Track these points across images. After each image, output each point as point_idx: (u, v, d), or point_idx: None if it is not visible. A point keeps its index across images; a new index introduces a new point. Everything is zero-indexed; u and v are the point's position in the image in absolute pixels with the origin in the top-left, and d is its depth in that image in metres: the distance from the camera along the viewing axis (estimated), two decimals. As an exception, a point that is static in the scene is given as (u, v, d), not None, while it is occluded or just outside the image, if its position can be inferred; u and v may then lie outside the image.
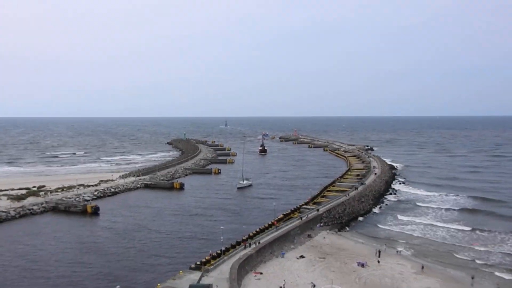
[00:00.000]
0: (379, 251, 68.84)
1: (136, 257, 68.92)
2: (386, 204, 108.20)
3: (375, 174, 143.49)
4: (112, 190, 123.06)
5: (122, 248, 73.57)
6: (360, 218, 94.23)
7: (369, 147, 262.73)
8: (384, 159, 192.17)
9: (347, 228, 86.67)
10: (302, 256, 67.78)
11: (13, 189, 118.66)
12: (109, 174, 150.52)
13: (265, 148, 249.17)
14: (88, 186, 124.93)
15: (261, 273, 60.44)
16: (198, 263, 61.09)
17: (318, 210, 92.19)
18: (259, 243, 69.85)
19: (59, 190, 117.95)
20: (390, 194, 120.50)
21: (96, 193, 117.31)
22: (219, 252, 65.40)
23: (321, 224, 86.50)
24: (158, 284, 53.84)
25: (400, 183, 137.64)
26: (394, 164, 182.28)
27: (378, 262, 65.04)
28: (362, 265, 63.61)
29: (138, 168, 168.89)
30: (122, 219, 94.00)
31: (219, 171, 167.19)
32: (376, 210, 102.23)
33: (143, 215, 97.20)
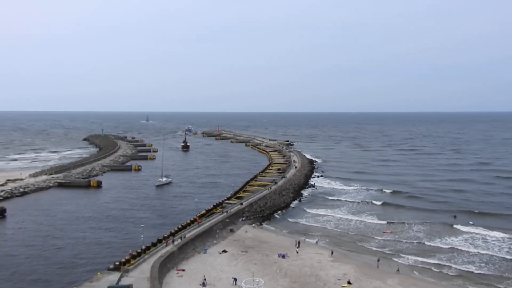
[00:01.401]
0: (299, 242, 71.44)
1: (49, 264, 64.28)
2: (305, 197, 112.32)
3: (295, 168, 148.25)
4: (21, 190, 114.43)
5: (32, 255, 68.12)
6: (281, 211, 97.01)
7: (289, 142, 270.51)
8: (304, 154, 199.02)
9: (269, 221, 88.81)
10: (224, 251, 68.27)
11: None
12: (18, 173, 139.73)
13: (188, 144, 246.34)
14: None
15: (183, 270, 59.94)
16: (117, 263, 59.00)
17: (241, 204, 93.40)
18: (184, 237, 69.37)
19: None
20: (309, 187, 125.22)
21: (2, 193, 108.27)
22: (140, 251, 63.76)
23: (244, 218, 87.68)
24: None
25: (318, 177, 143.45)
26: (313, 159, 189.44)
27: (297, 252, 67.47)
28: (283, 256, 65.58)
29: (51, 166, 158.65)
30: (32, 222, 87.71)
31: (139, 167, 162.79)
32: (296, 202, 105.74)
33: (56, 217, 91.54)
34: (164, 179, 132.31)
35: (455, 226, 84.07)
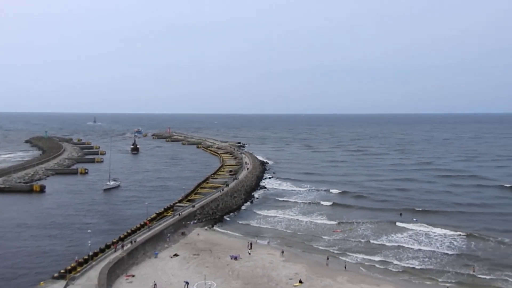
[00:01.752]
0: (251, 243, 71.69)
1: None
2: (257, 199, 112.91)
3: (247, 169, 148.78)
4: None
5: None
6: (233, 213, 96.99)
7: (241, 144, 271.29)
8: (256, 155, 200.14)
9: (221, 224, 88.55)
10: (176, 255, 67.28)
11: None
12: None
13: (137, 146, 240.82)
14: None
15: (133, 276, 58.47)
16: (62, 271, 56.50)
17: (193, 206, 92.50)
18: (135, 241, 67.74)
19: None
20: (261, 189, 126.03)
21: None
22: (87, 257, 61.47)
23: (195, 221, 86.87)
24: (14, 299, 48.54)
25: (269, 178, 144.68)
26: (265, 160, 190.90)
27: (249, 254, 67.69)
28: (235, 258, 65.55)
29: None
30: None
31: (86, 171, 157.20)
32: (247, 204, 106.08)
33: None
34: (112, 182, 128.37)
35: (400, 224, 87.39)
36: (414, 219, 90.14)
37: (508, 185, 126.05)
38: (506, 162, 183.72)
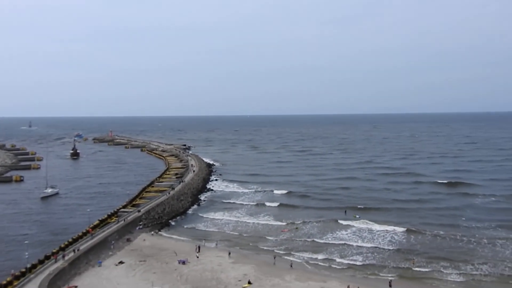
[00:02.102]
0: (199, 247, 71.24)
1: None
2: (204, 201, 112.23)
3: (193, 172, 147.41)
4: None
5: None
6: (180, 217, 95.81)
7: (186, 146, 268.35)
8: (202, 157, 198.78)
9: (168, 228, 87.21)
10: (121, 262, 65.42)
11: None
12: None
13: (78, 151, 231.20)
14: None
15: (76, 287, 56.20)
16: (-4, 286, 53.18)
17: (139, 211, 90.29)
18: (78, 250, 65.09)
19: None
20: (207, 191, 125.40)
21: None
22: (24, 270, 58.17)
23: (141, 226, 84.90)
24: None
25: (216, 180, 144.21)
26: (211, 162, 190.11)
27: (198, 257, 67.18)
28: (183, 263, 64.82)
29: None
30: None
31: (22, 178, 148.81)
32: (194, 207, 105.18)
33: None
34: (50, 190, 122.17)
35: (344, 222, 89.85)
36: (357, 216, 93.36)
37: (441, 181, 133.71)
38: (439, 159, 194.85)
